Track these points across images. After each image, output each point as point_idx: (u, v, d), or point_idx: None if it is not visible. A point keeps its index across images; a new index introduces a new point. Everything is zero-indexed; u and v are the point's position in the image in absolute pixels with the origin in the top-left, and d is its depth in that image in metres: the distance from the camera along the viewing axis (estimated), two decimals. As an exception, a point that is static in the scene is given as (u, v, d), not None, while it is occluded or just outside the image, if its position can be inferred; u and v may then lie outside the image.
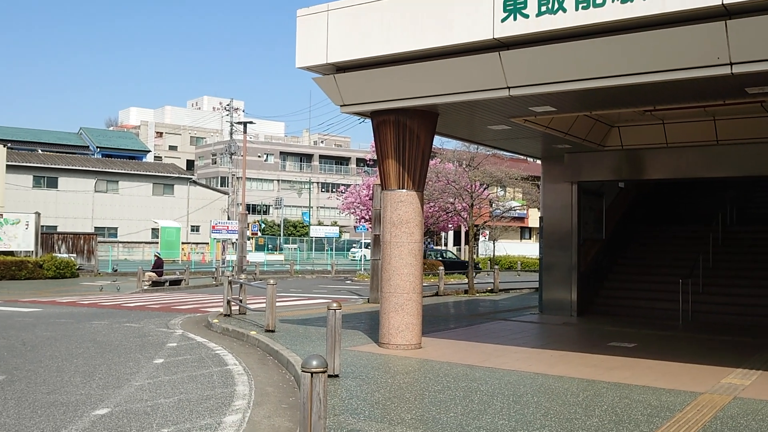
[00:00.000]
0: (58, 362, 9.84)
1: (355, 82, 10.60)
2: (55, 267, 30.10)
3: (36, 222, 31.58)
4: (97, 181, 57.42)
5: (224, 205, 62.25)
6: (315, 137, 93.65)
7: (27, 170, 53.69)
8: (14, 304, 19.00)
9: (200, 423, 6.68)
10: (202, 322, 14.88)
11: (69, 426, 6.51)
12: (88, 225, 54.65)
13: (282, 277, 35.04)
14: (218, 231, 38.11)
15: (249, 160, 62.10)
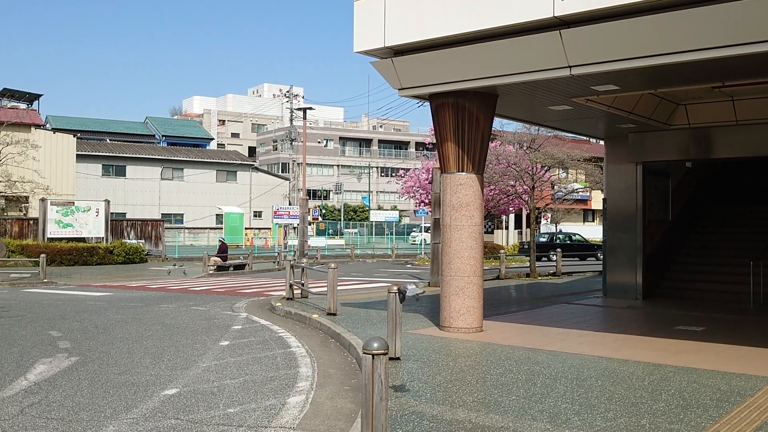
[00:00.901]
0: (128, 344, 10.17)
1: (413, 65, 10.56)
2: (124, 253, 31.04)
3: (106, 209, 32.59)
4: (163, 168, 58.86)
5: (285, 191, 63.01)
6: (374, 122, 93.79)
7: (96, 159, 55.41)
8: (86, 289, 19.70)
9: (265, 403, 6.82)
10: (266, 306, 15.15)
11: (140, 405, 6.73)
12: (155, 212, 56.13)
13: (342, 261, 35.35)
14: (280, 216, 38.64)
15: (309, 145, 62.65)
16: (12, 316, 13.23)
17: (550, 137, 24.62)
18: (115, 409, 6.58)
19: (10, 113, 31.49)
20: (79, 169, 41.36)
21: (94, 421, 6.20)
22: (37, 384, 7.59)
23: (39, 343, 10.16)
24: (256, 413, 6.48)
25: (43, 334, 11.09)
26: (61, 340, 10.42)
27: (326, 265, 13.59)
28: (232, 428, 6.02)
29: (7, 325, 11.99)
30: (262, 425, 6.12)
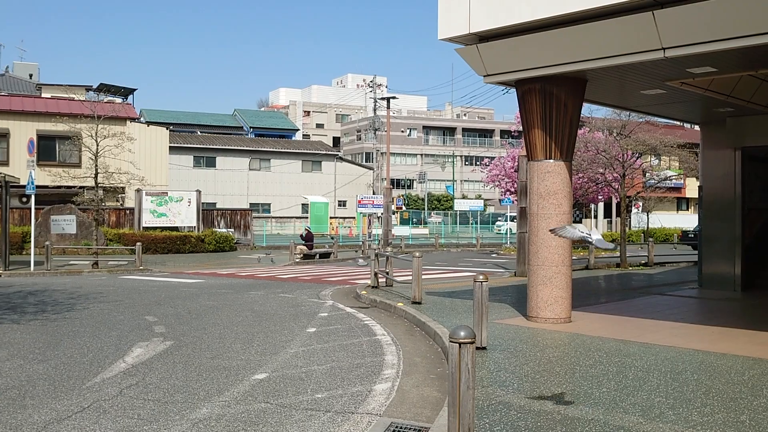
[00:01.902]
0: (219, 329, 10.47)
1: (499, 51, 10.39)
2: (215, 241, 31.96)
3: (197, 199, 33.62)
4: (251, 159, 60.26)
5: (369, 180, 63.45)
6: (458, 110, 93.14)
7: (188, 151, 57.25)
8: (179, 276, 20.39)
9: (352, 390, 6.88)
10: (351, 294, 15.30)
11: (231, 389, 6.91)
12: (244, 201, 57.57)
13: (426, 250, 35.32)
14: (364, 205, 38.93)
15: (392, 135, 62.78)
16: (110, 302, 13.84)
17: (642, 123, 23.83)
18: (207, 392, 6.78)
19: (106, 107, 32.85)
20: (171, 160, 42.77)
21: (188, 403, 6.41)
22: (135, 366, 7.90)
23: (136, 328, 10.58)
24: (343, 399, 6.55)
25: (140, 319, 11.55)
26: (156, 325, 10.83)
27: (410, 254, 13.59)
28: (320, 413, 6.10)
29: (107, 311, 12.55)
30: (349, 411, 6.18)
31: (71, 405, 6.31)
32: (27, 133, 33.04)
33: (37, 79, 60.27)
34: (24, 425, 5.72)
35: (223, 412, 6.10)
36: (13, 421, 5.81)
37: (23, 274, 20.51)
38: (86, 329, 10.42)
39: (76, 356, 8.44)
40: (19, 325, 10.77)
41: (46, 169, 30.62)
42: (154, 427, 5.71)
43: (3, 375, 7.45)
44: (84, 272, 21.33)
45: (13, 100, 36.42)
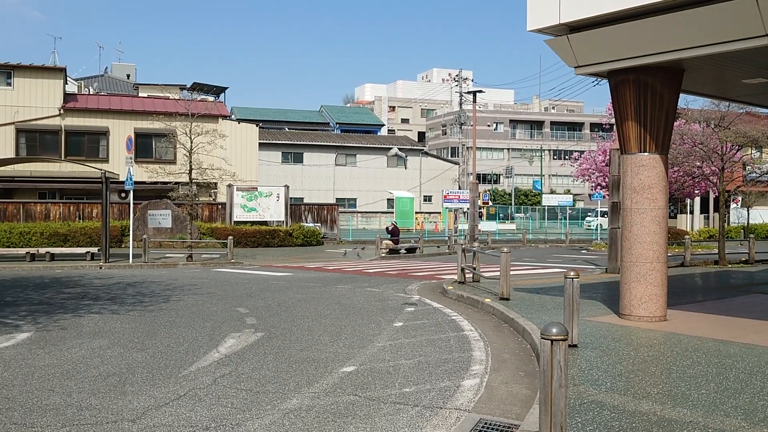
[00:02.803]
0: (308, 322, 10.63)
1: (590, 41, 10.10)
2: (302, 235, 32.51)
3: (285, 194, 34.28)
4: (337, 155, 61.01)
5: (455, 175, 63.12)
6: (545, 103, 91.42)
7: (276, 147, 58.48)
8: (269, 269, 20.84)
9: (439, 385, 6.85)
10: (438, 289, 15.25)
11: (320, 381, 7.00)
12: (330, 196, 58.36)
13: (514, 246, 34.85)
14: (450, 200, 38.76)
15: (478, 129, 62.23)
16: (204, 294, 14.28)
17: (743, 114, 22.72)
18: (297, 383, 6.89)
19: (200, 106, 33.90)
20: (261, 156, 43.76)
21: (279, 393, 6.53)
22: (228, 357, 8.11)
23: (228, 319, 10.87)
24: (431, 394, 6.53)
25: (232, 310, 11.86)
26: (247, 317, 11.10)
27: (497, 249, 13.45)
28: (408, 407, 6.10)
29: (200, 302, 12.95)
30: (437, 406, 6.15)
31: (168, 392, 6.53)
32: (125, 132, 34.53)
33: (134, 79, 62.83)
34: (124, 410, 5.96)
35: (312, 403, 6.19)
36: (115, 407, 6.06)
37: (122, 266, 21.43)
38: (182, 320, 10.79)
39: (173, 345, 8.74)
40: (119, 315, 11.25)
41: (143, 165, 31.90)
42: (246, 415, 5.84)
43: (105, 362, 7.80)
44: (179, 265, 22.10)
45: (112, 99, 38.09)
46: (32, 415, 5.80)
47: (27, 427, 5.51)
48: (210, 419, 5.73)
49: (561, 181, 77.67)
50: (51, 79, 34.81)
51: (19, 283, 16.52)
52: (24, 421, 5.66)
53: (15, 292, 14.61)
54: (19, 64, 34.36)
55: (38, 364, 7.69)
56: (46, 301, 13.14)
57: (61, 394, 6.47)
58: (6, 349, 8.46)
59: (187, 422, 5.65)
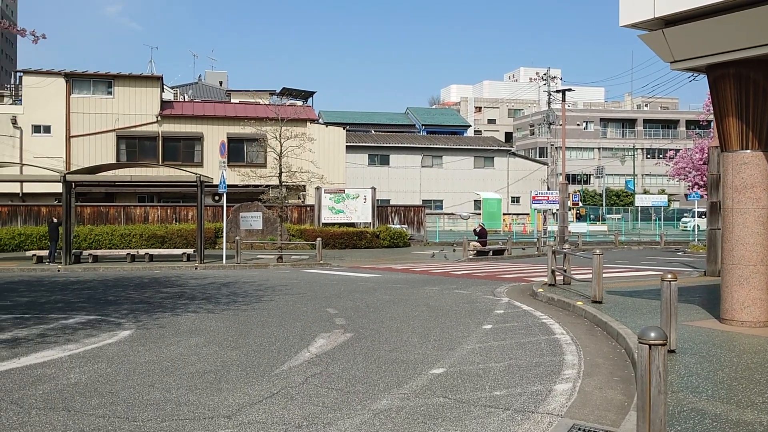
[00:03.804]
0: (396, 323, 10.66)
1: (687, 35, 9.72)
2: (389, 237, 32.67)
3: (372, 196, 34.52)
4: (423, 156, 61.02)
5: (543, 176, 62.09)
6: (638, 101, 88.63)
7: (363, 149, 59.03)
8: (356, 270, 21.03)
9: (531, 389, 6.73)
10: (527, 291, 15.02)
11: (410, 382, 7.00)
12: (416, 198, 58.42)
13: (606, 248, 33.96)
14: (538, 201, 38.14)
15: (567, 128, 60.99)
16: (294, 294, 14.54)
17: None
18: (387, 384, 6.92)
19: (289, 110, 34.60)
20: (348, 159, 44.26)
21: (369, 393, 6.57)
22: (318, 356, 8.23)
23: (318, 319, 11.03)
24: (522, 398, 6.42)
25: (321, 311, 12.03)
26: (337, 317, 11.23)
27: (589, 251, 13.11)
28: (499, 411, 6.02)
29: (291, 302, 13.20)
30: (529, 410, 6.04)
31: (261, 390, 6.68)
32: (218, 137, 35.62)
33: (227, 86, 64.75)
34: (220, 407, 6.13)
35: (402, 405, 6.19)
36: (211, 403, 6.25)
37: (216, 267, 22.09)
38: (273, 319, 11.02)
39: (265, 344, 8.94)
40: (214, 314, 11.60)
41: (235, 169, 32.81)
42: (337, 414, 5.90)
43: (201, 360, 8.05)
44: (270, 266, 22.60)
45: (206, 106, 39.36)
46: (134, 410, 6.04)
47: (129, 420, 5.74)
48: (302, 417, 5.82)
49: (655, 181, 75.16)
50: (149, 87, 36.29)
51: (121, 282, 17.29)
52: (127, 414, 5.90)
53: (117, 291, 15.29)
54: (119, 74, 35.99)
55: (139, 360, 8.02)
56: (146, 300, 13.69)
57: (161, 389, 6.72)
58: (109, 346, 8.86)
59: (280, 420, 5.76)
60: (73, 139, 35.23)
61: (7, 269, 21.23)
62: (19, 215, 31.26)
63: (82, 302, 13.34)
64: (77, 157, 34.99)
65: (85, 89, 35.61)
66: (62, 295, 14.66)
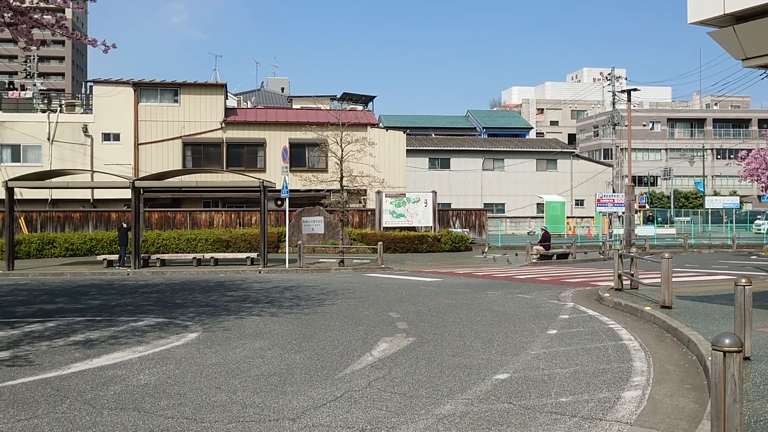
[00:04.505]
0: (459, 328, 10.57)
1: (760, 30, 9.39)
2: (450, 241, 32.50)
3: (433, 200, 34.43)
4: (484, 159, 60.58)
5: (608, 178, 60.83)
6: (707, 99, 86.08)
7: (423, 153, 58.96)
8: (418, 274, 20.99)
9: (598, 396, 6.58)
10: (593, 296, 14.72)
11: (474, 387, 6.93)
12: (477, 201, 58.02)
13: (674, 251, 33.05)
14: (603, 204, 37.33)
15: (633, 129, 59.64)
16: (356, 298, 14.60)
17: None
18: (450, 389, 6.86)
19: (349, 115, 34.82)
20: (408, 162, 44.27)
21: (433, 398, 6.52)
22: (381, 360, 8.23)
23: (380, 323, 11.04)
24: (589, 405, 6.28)
25: (383, 315, 12.04)
26: (399, 321, 11.21)
27: (657, 255, 12.77)
28: (566, 417, 5.90)
29: (353, 306, 13.25)
30: (597, 417, 5.90)
31: (325, 393, 6.71)
32: (280, 142, 36.10)
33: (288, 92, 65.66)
34: (285, 409, 6.18)
35: (466, 410, 6.13)
36: (276, 405, 6.31)
37: (279, 270, 22.37)
38: (336, 323, 11.08)
39: (328, 348, 8.98)
40: (277, 318, 11.73)
41: (297, 174, 33.24)
42: (401, 419, 5.88)
43: (266, 362, 8.14)
44: (331, 270, 22.75)
45: (268, 112, 39.97)
46: (201, 411, 6.15)
47: (197, 422, 5.84)
48: (366, 421, 5.82)
49: (726, 182, 72.81)
50: (213, 95, 37.07)
51: (188, 286, 17.67)
52: (194, 416, 6.01)
53: (184, 294, 15.63)
54: (185, 82, 36.88)
55: (206, 362, 8.16)
56: (212, 303, 13.95)
57: (227, 391, 6.82)
58: (177, 348, 9.05)
59: (344, 423, 5.77)
60: (141, 146, 36.25)
61: (80, 273, 21.96)
62: (91, 220, 32.32)
63: (150, 305, 13.68)
64: (145, 163, 35.99)
65: (152, 97, 36.61)
66: (132, 298, 15.07)
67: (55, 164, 34.16)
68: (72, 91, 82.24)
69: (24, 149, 35.28)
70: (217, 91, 37.31)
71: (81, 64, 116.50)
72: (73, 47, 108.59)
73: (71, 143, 35.43)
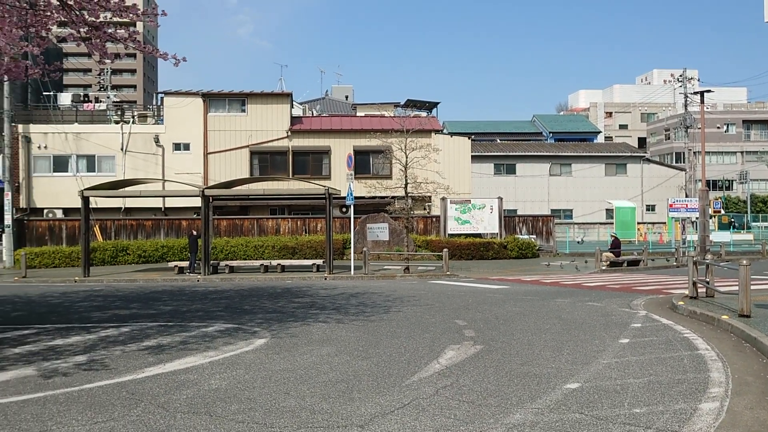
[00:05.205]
0: (527, 336, 10.40)
1: None
2: (517, 248, 32.09)
3: (499, 206, 34.07)
4: (551, 165, 59.67)
5: (681, 182, 59.12)
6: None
7: (488, 159, 58.48)
8: (484, 281, 20.79)
9: (674, 407, 6.36)
10: (666, 304, 14.29)
11: (543, 396, 6.79)
12: (544, 207, 57.14)
13: (752, 258, 31.83)
14: (676, 209, 36.24)
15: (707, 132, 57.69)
16: (422, 305, 14.54)
17: None
18: (520, 398, 6.74)
19: (414, 122, 34.74)
20: (473, 168, 43.92)
21: (502, 407, 6.42)
22: (448, 368, 8.15)
23: (447, 331, 10.96)
24: (665, 416, 6.07)
25: (450, 322, 11.95)
26: (465, 329, 11.11)
27: (733, 261, 12.29)
28: (640, 429, 5.72)
29: (419, 313, 13.20)
30: (673, 429, 5.71)
31: (392, 401, 6.68)
32: (345, 150, 36.36)
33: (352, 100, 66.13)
34: (353, 416, 6.18)
35: (536, 419, 6.01)
36: (344, 412, 6.32)
37: (345, 277, 22.50)
38: (402, 330, 11.05)
39: (395, 355, 8.96)
40: (344, 324, 11.78)
41: (361, 181, 33.43)
42: (470, 428, 5.80)
43: (333, 369, 8.17)
44: (396, 277, 22.76)
45: (333, 120, 40.35)
46: (271, 416, 6.21)
47: (267, 426, 5.90)
48: (434, 429, 5.77)
49: (809, 186, 69.79)
50: (279, 104, 37.65)
51: (255, 292, 17.94)
52: (264, 420, 6.07)
53: (252, 300, 15.88)
54: (252, 92, 37.57)
55: (274, 368, 8.25)
56: (279, 309, 14.12)
57: (296, 397, 6.87)
58: (246, 354, 9.18)
59: (411, 431, 5.73)
60: (209, 155, 37.08)
61: (152, 279, 22.57)
62: (162, 228, 33.23)
63: (219, 311, 13.94)
64: (213, 172, 36.79)
65: (220, 108, 37.42)
66: (201, 304, 15.39)
67: (128, 174, 35.26)
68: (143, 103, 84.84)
69: (99, 159, 36.54)
70: (283, 101, 37.87)
71: (152, 76, 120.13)
72: (144, 60, 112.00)
73: (143, 153, 36.52)
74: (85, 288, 20.32)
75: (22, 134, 35.78)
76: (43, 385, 7.49)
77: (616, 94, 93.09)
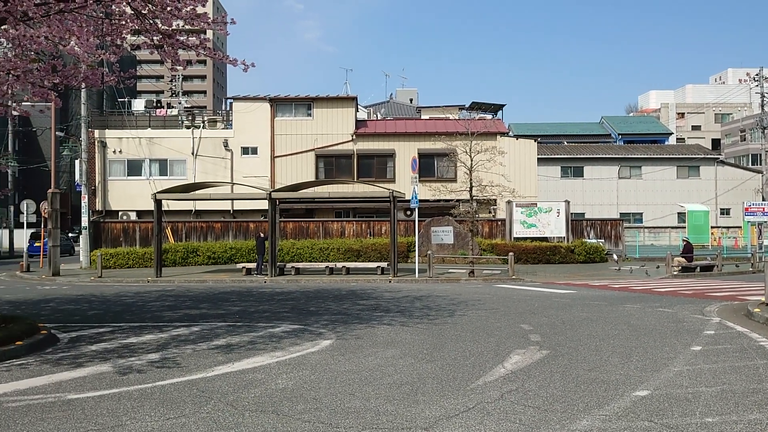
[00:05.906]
0: (595, 342, 10.22)
1: None
2: (584, 252, 31.51)
3: (566, 209, 33.57)
4: (620, 167, 58.41)
5: (757, 185, 57.02)
6: None
7: (555, 162, 57.63)
8: (550, 286, 20.50)
9: (748, 417, 6.16)
10: (741, 311, 13.81)
11: (611, 403, 6.67)
12: (613, 211, 55.95)
13: (833, 263, 30.44)
14: (752, 213, 35.12)
15: (784, 133, 55.57)
16: (487, 309, 14.45)
17: None
18: (587, 404, 6.64)
19: (479, 124, 34.60)
20: (539, 171, 43.41)
21: (568, 413, 6.34)
22: (513, 373, 8.09)
23: (512, 335, 10.87)
24: (739, 426, 5.89)
25: (515, 326, 11.84)
26: (531, 334, 10.99)
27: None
28: (713, 440, 5.56)
29: (484, 317, 13.12)
30: (748, 441, 5.53)
31: (457, 404, 6.67)
32: (409, 153, 36.42)
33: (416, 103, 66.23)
34: (417, 418, 6.20)
35: (603, 426, 5.91)
36: (408, 414, 6.34)
37: (409, 280, 22.54)
38: (467, 334, 11.01)
39: (459, 359, 8.94)
40: (408, 327, 11.81)
41: (426, 184, 33.41)
42: (535, 434, 5.75)
43: (398, 371, 8.21)
44: (461, 280, 22.67)
45: (397, 123, 40.49)
46: (336, 416, 6.29)
47: (332, 427, 5.98)
48: (498, 434, 5.74)
49: None
50: (344, 108, 38.02)
51: (320, 294, 18.16)
52: (330, 421, 6.15)
53: (317, 302, 16.08)
54: (318, 97, 38.05)
55: (339, 369, 8.34)
56: (344, 311, 14.26)
57: (361, 398, 6.93)
58: (312, 355, 9.31)
59: (476, 435, 5.72)
60: (276, 159, 37.72)
61: (221, 280, 23.09)
62: (230, 230, 33.95)
63: (286, 312, 14.16)
64: (280, 175, 37.39)
65: (287, 112, 38.02)
66: (269, 305, 15.66)
67: (199, 177, 36.17)
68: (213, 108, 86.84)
69: (170, 163, 37.62)
70: (348, 104, 38.21)
71: (221, 81, 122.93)
72: (214, 66, 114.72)
73: (213, 157, 37.42)
74: (158, 288, 20.94)
75: (98, 139, 37.16)
76: (118, 382, 7.77)
77: (688, 95, 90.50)
